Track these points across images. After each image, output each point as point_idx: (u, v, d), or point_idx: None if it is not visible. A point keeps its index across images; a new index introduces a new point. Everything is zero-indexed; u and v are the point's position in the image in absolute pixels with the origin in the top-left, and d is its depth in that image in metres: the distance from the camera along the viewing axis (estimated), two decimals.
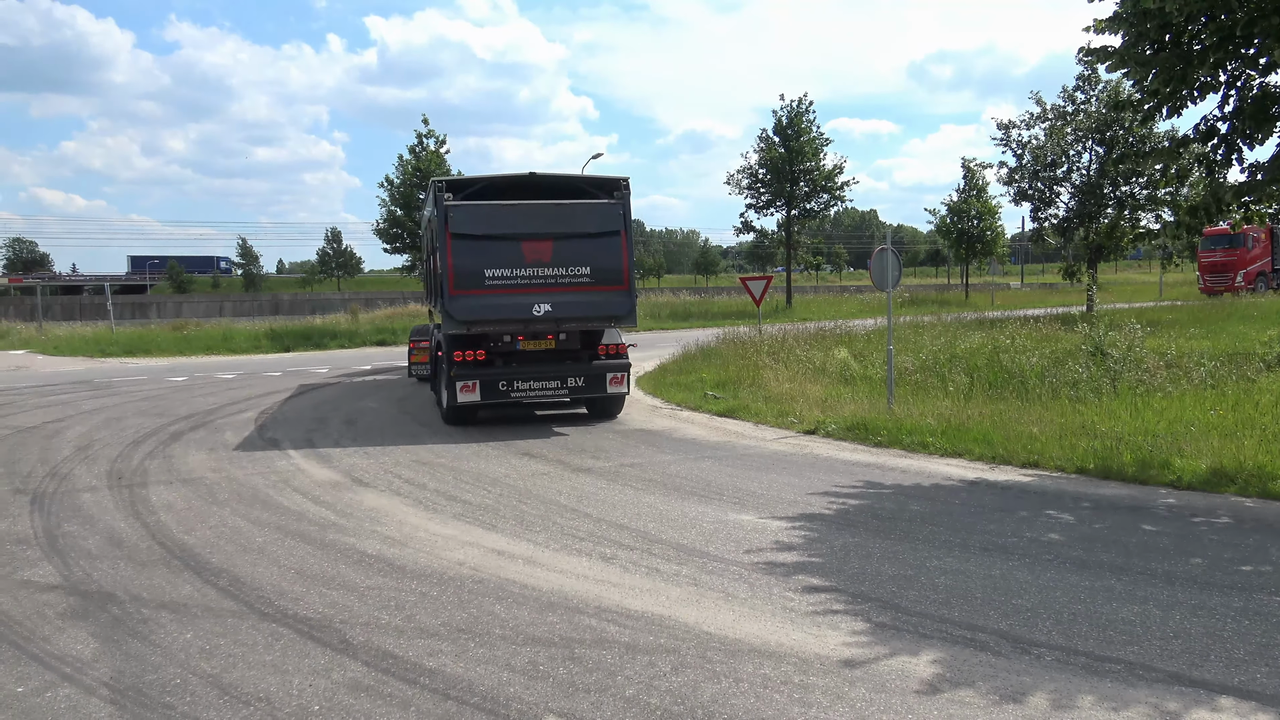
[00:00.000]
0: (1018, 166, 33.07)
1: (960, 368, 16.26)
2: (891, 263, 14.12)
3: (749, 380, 17.06)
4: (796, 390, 15.55)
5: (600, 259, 13.33)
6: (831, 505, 8.92)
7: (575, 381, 13.81)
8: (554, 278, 13.20)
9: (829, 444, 12.25)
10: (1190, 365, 15.33)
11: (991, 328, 22.89)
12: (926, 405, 13.46)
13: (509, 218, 13.23)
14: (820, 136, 42.03)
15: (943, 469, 10.54)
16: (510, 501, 9.32)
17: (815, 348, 19.94)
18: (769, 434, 13.18)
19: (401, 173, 36.24)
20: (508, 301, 13.08)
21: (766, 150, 41.95)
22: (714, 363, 19.68)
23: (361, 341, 33.80)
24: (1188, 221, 10.91)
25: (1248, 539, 7.53)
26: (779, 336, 22.12)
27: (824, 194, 42.45)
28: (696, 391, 16.85)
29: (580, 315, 13.33)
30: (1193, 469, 9.47)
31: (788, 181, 42.03)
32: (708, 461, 11.23)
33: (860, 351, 19.18)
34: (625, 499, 9.31)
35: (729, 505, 8.97)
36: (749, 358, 18.96)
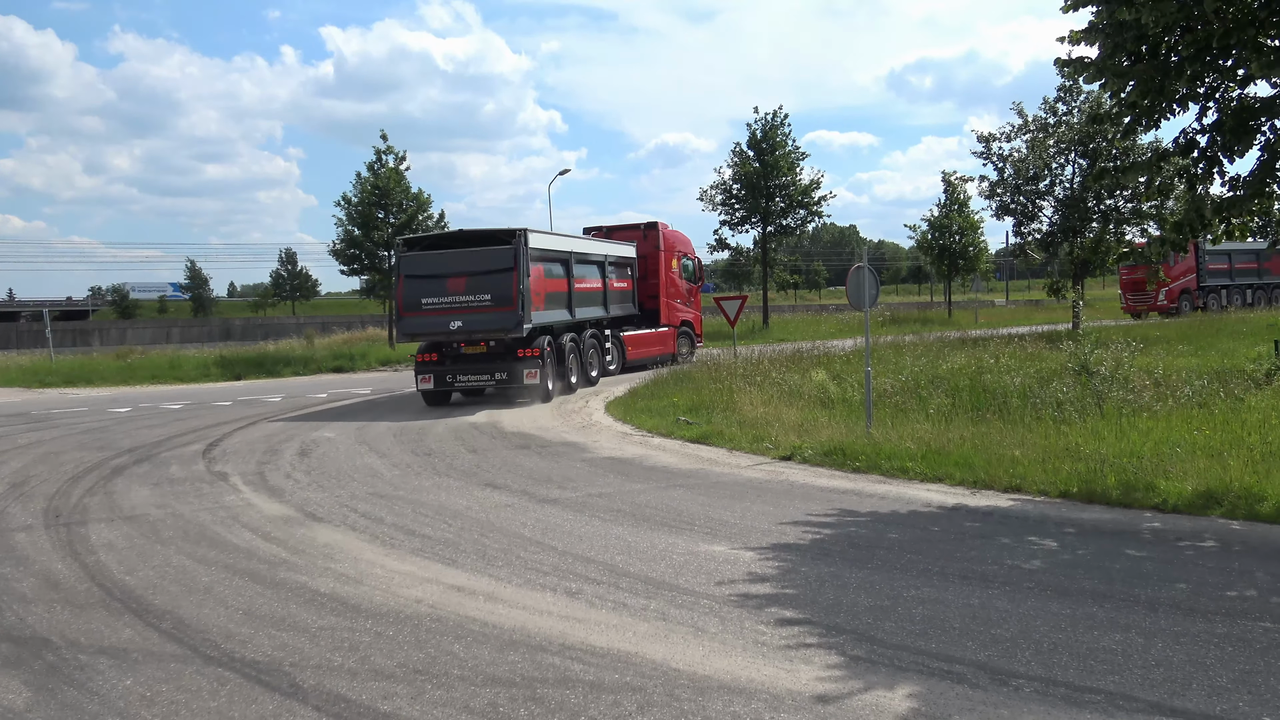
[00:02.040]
0: (1000, 180, 33.60)
1: (942, 389, 16.42)
2: (869, 281, 14.28)
3: (723, 404, 17.15)
4: (772, 414, 15.65)
5: (497, 288, 19.78)
6: (807, 534, 8.98)
7: (500, 375, 20.34)
8: (465, 302, 19.96)
9: (805, 470, 12.33)
10: (1177, 383, 15.58)
11: (974, 347, 23.15)
12: (906, 428, 13.59)
13: (438, 262, 20.30)
14: (796, 150, 42.50)
15: (922, 494, 10.64)
16: (472, 535, 9.31)
17: (792, 370, 20.08)
18: (743, 460, 13.25)
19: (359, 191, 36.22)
20: (436, 320, 20.06)
21: (741, 165, 42.32)
22: (687, 387, 19.77)
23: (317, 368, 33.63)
24: (1171, 238, 11.11)
25: (1233, 563, 7.66)
26: (754, 358, 22.26)
27: (801, 209, 42.85)
28: (668, 417, 16.93)
29: (480, 328, 19.92)
30: (1178, 491, 9.62)
31: (763, 197, 42.39)
32: (679, 490, 11.28)
33: (839, 373, 19.32)
34: (592, 530, 9.33)
35: (700, 536, 9.01)
36: (723, 381, 19.06)
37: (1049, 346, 22.32)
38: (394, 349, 37.48)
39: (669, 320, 28.30)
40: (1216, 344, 23.90)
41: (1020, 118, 33.17)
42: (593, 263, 24.35)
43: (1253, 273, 49.01)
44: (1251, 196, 10.24)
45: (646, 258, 27.91)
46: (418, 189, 36.53)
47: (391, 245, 36.05)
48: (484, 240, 20.55)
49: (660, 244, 28.26)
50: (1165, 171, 11.86)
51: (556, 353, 21.85)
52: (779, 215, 43.06)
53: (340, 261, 36.94)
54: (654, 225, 28.54)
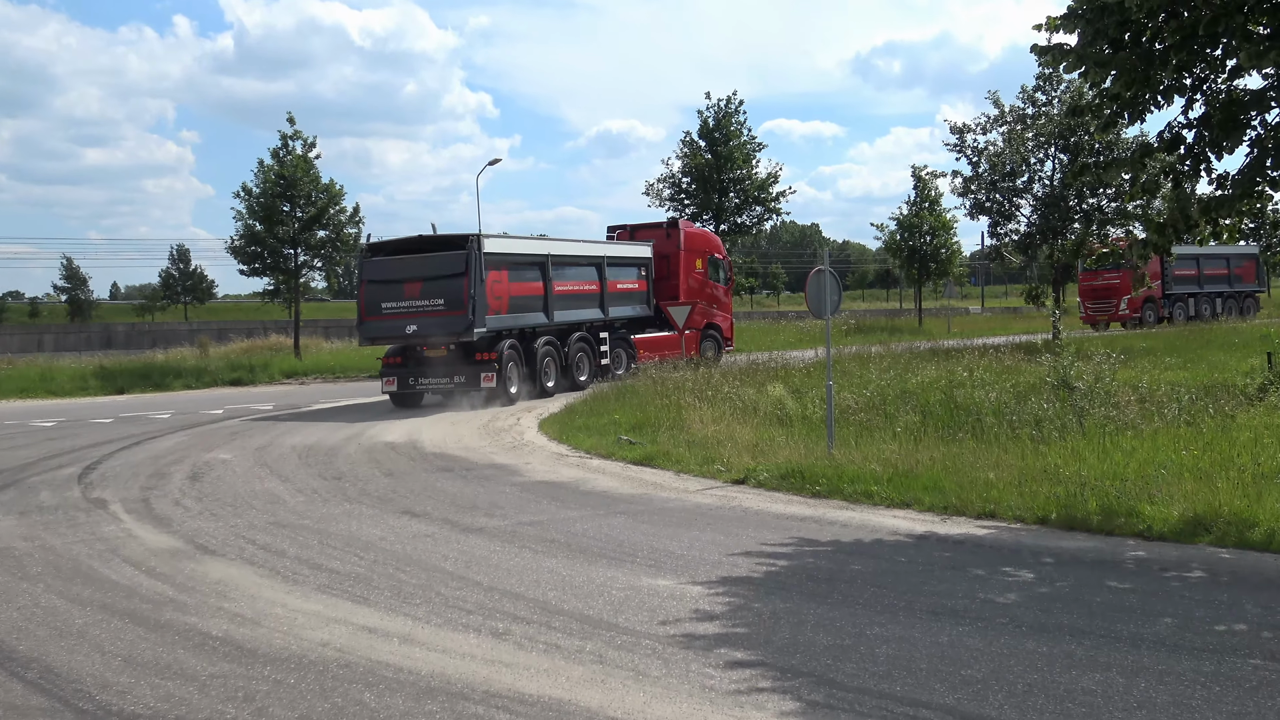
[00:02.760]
0: (974, 176, 34.14)
1: (911, 405, 16.65)
2: (831, 285, 14.46)
3: (670, 422, 17.24)
4: (724, 433, 15.75)
5: (449, 293, 22.70)
6: (761, 566, 9.05)
7: (459, 379, 23.13)
8: (420, 307, 22.97)
9: (760, 495, 12.43)
10: (1164, 399, 15.95)
11: (947, 358, 23.51)
12: (871, 449, 13.76)
13: (397, 267, 23.47)
14: (752, 140, 42.85)
15: (888, 522, 10.77)
16: (386, 569, 9.25)
17: (747, 383, 20.23)
18: (692, 484, 13.32)
19: (262, 180, 35.82)
20: (393, 324, 23.18)
21: (691, 156, 42.58)
22: (629, 402, 19.84)
23: (212, 381, 33.19)
24: (1155, 240, 11.36)
25: (1221, 595, 7.86)
26: (705, 371, 22.38)
27: (757, 206, 43.21)
28: (609, 436, 16.97)
29: (434, 332, 22.86)
30: (1164, 517, 9.85)
31: (715, 192, 42.69)
32: (620, 518, 11.30)
33: (798, 387, 19.51)
34: (523, 563, 9.32)
35: (643, 569, 9.04)
36: (670, 396, 19.16)
37: (1027, 358, 22.74)
38: (300, 359, 37.09)
39: (691, 323, 29.37)
40: (1206, 356, 24.52)
41: (996, 108, 33.78)
42: (583, 265, 26.67)
43: (1223, 280, 50.04)
44: (1240, 196, 10.52)
45: (669, 257, 29.83)
46: (329, 179, 36.30)
47: (298, 242, 35.79)
48: (441, 246, 23.62)
49: (681, 243, 30.04)
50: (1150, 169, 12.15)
51: (525, 357, 24.29)
52: (733, 212, 43.37)
53: (240, 260, 36.49)
54: (675, 223, 30.72)
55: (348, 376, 34.13)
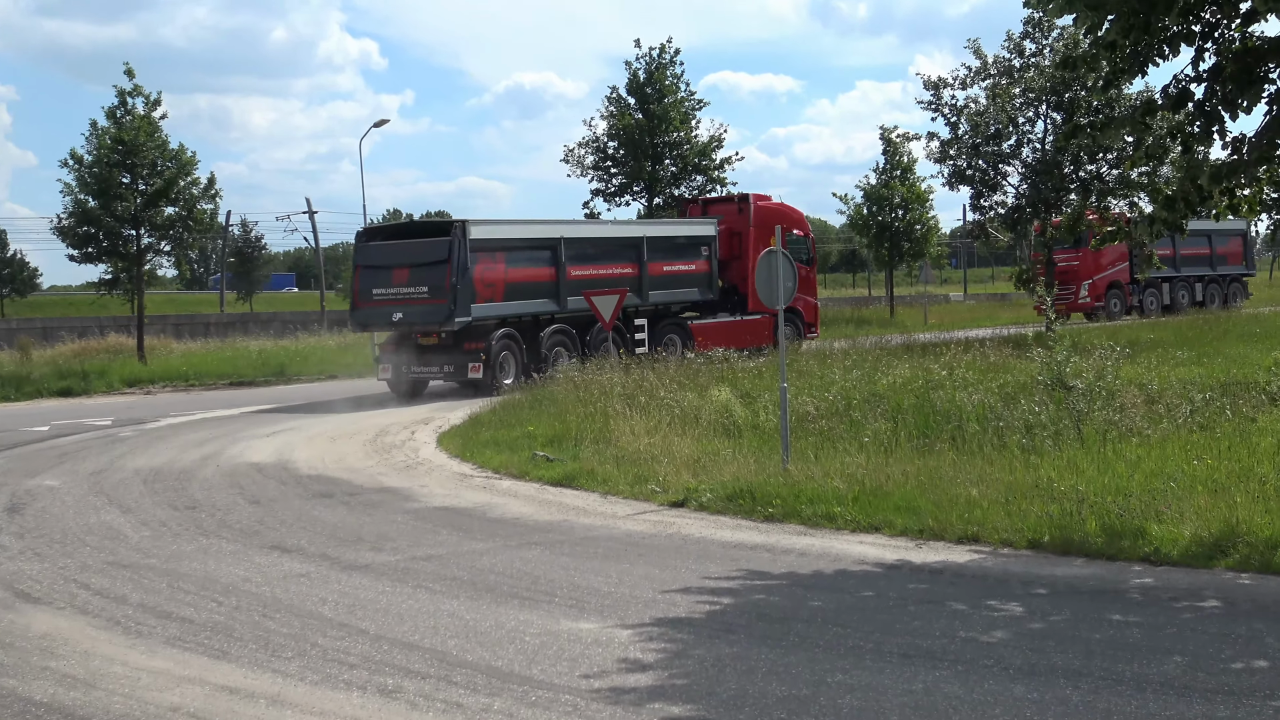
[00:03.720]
0: (952, 138, 34.56)
1: (880, 410, 16.85)
2: (784, 270, 14.57)
3: (595, 434, 17.28)
4: (660, 447, 15.83)
5: (434, 280, 26.28)
6: (703, 604, 9.11)
7: (448, 368, 26.60)
8: (407, 294, 26.69)
9: (703, 520, 12.51)
10: (1174, 400, 16.32)
11: (923, 355, 23.78)
12: (834, 463, 13.91)
13: (386, 253, 27.62)
14: (691, 97, 42.97)
15: (854, 549, 10.90)
16: (250, 617, 9.16)
17: (687, 386, 20.31)
18: (621, 508, 13.37)
19: (96, 146, 35.09)
20: (381, 310, 27.04)
21: (619, 116, 42.61)
22: (546, 411, 19.86)
23: (36, 391, 32.53)
24: (1162, 215, 11.59)
25: (1239, 627, 8.07)
26: (637, 372, 22.41)
27: (698, 175, 43.31)
28: (522, 452, 16.98)
29: (418, 320, 26.46)
30: (1174, 538, 10.10)
31: (648, 159, 42.76)
32: (535, 549, 11.31)
33: (747, 391, 19.64)
34: (417, 607, 9.29)
35: (563, 610, 9.05)
36: (595, 403, 19.18)
37: (1016, 354, 23.09)
38: (145, 364, 36.49)
39: (761, 307, 30.95)
40: (1222, 348, 25.09)
41: (978, 59, 34.22)
42: (610, 247, 30.04)
43: (1203, 261, 49.05)
44: (1259, 161, 10.80)
45: (740, 235, 32.92)
46: (178, 144, 35.63)
47: (141, 221, 35.15)
48: (430, 232, 27.88)
49: (752, 219, 32.74)
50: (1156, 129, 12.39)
51: (529, 346, 27.40)
52: (669, 183, 43.45)
53: (69, 243, 35.64)
54: (746, 198, 33.84)
55: (204, 384, 33.68)
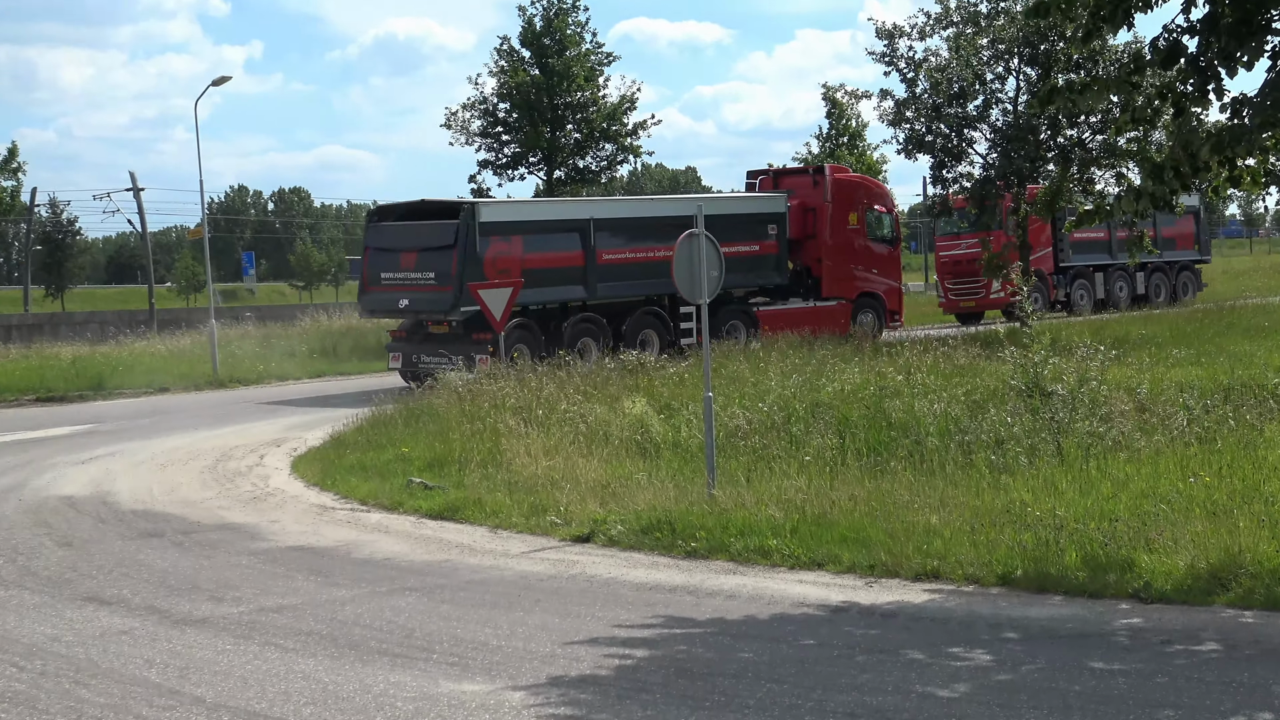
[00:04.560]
0: (910, 98, 34.82)
1: (825, 423, 16.93)
2: (709, 255, 14.58)
3: (483, 456, 17.22)
4: (561, 470, 15.80)
5: (440, 266, 28.65)
6: (612, 659, 9.10)
7: (455, 359, 27.59)
8: (413, 280, 29.20)
9: (612, 557, 12.52)
10: (1169, 407, 16.57)
11: (875, 355, 23.97)
12: (769, 487, 13.98)
13: (397, 235, 30.37)
14: (599, 50, 43.13)
15: (792, 589, 10.95)
16: (59, 684, 9.02)
17: (595, 397, 20.29)
18: (515, 544, 13.35)
19: None
20: (389, 296, 29.74)
21: (511, 73, 42.52)
22: (425, 429, 19.77)
23: None
24: (1151, 189, 11.75)
25: (1241, 674, 8.23)
26: (534, 380, 22.35)
27: (606, 143, 43.36)
28: (394, 478, 16.89)
29: (423, 308, 29.13)
30: (1167, 570, 10.25)
31: (546, 124, 42.70)
32: (411, 596, 11.25)
33: (666, 402, 19.66)
34: (265, 668, 9.20)
35: (443, 670, 9.02)
36: (484, 418, 19.10)
37: (985, 354, 23.33)
38: None
39: (837, 291, 35.30)
40: (1225, 346, 25.49)
41: (939, 4, 34.49)
42: (651, 226, 31.59)
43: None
44: (1263, 126, 10.99)
45: (815, 211, 35.01)
46: None
47: None
48: (439, 213, 30.15)
49: (828, 193, 34.50)
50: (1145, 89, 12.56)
51: (549, 337, 29.39)
52: (572, 152, 43.44)
53: None
54: (821, 169, 35.99)
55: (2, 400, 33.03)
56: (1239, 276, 61.12)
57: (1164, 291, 48.44)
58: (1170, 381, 18.97)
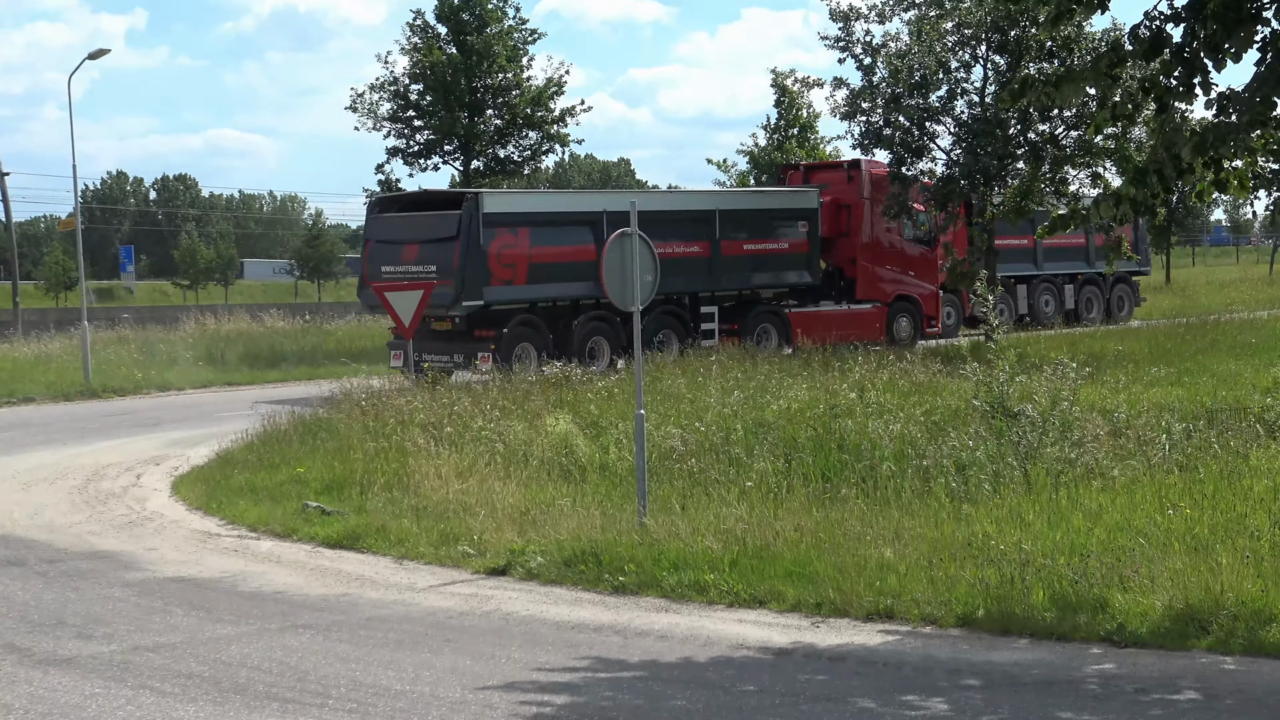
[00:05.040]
0: (866, 87, 35.00)
1: (769, 445, 16.97)
2: (642, 258, 14.60)
3: (388, 477, 17.16)
4: (476, 494, 15.75)
5: (442, 259, 29.82)
6: (529, 707, 9.08)
7: (458, 357, 29.99)
8: (415, 273, 29.67)
9: (531, 592, 12.50)
10: (1147, 431, 16.72)
11: (825, 371, 24.04)
12: (707, 515, 13.98)
13: (399, 227, 31.63)
14: (523, 28, 43.15)
15: (731, 629, 10.95)
16: None
17: (514, 413, 20.25)
18: (422, 577, 13.31)
19: None
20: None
21: (425, 51, 42.40)
22: (323, 446, 19.69)
23: None
24: (1130, 193, 11.87)
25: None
26: (446, 393, 22.30)
27: (530, 131, 43.35)
28: (288, 502, 16.81)
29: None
30: (1143, 611, 10.34)
31: (464, 108, 42.61)
32: (304, 634, 11.17)
33: (593, 419, 19.64)
34: (140, 715, 9.11)
35: (340, 716, 8.98)
36: (389, 435, 19.02)
37: (946, 370, 23.48)
38: None
39: (871, 294, 36.83)
40: (1209, 364, 25.77)
41: None
42: (671, 221, 33.11)
43: (1077, 255, 47.29)
44: (1251, 124, 11.13)
45: (850, 208, 36.39)
46: None
47: None
48: (442, 204, 31.87)
49: (865, 189, 35.53)
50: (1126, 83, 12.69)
51: (558, 336, 31.11)
52: (493, 140, 43.38)
53: None
54: (856, 164, 36.88)
55: None
56: (1224, 288, 61.76)
57: (1096, 307, 47.98)
58: (1149, 403, 19.12)
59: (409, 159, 43.54)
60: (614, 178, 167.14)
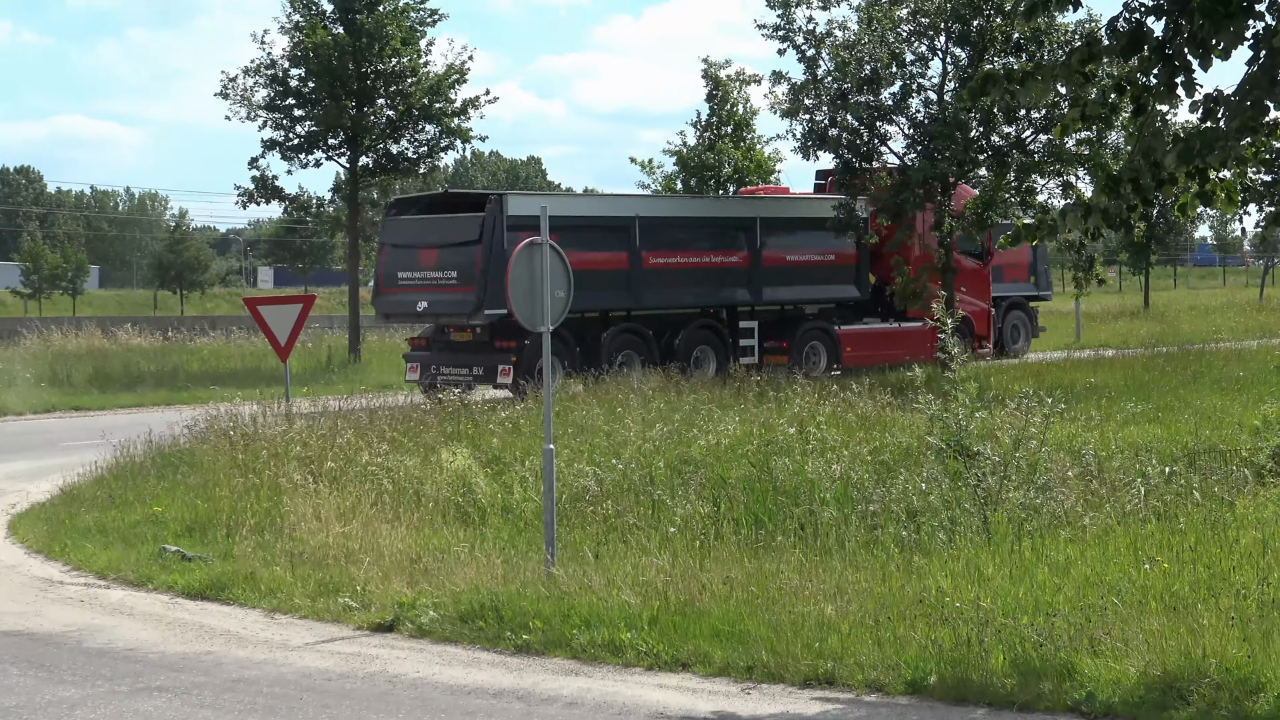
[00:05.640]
0: (810, 82, 35.13)
1: (696, 486, 16.97)
2: (555, 272, 14.59)
3: (259, 519, 17.08)
4: (360, 538, 15.69)
5: (463, 265, 31.34)
6: None
7: (477, 371, 31.66)
8: (434, 280, 32.00)
9: (422, 652, 12.45)
10: (1121, 475, 16.84)
11: (761, 402, 24.10)
12: (624, 565, 13.95)
13: (417, 230, 33.25)
14: (421, 7, 43.14)
15: (650, 696, 10.94)
16: None
17: (404, 446, 20.20)
18: (297, 633, 13.24)
19: None
20: (407, 298, 32.72)
21: (308, 31, 42.26)
22: (184, 482, 19.61)
23: None
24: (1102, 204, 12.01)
25: None
26: (328, 423, 22.20)
27: (428, 124, 43.29)
28: (144, 545, 16.71)
29: (444, 311, 32.13)
30: (1115, 677, 10.39)
31: (352, 97, 42.52)
32: (160, 698, 11.10)
33: (496, 454, 19.61)
34: None
35: None
36: (260, 471, 18.92)
37: (896, 403, 23.58)
38: None
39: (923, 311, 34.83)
40: (1190, 399, 26.02)
41: None
42: (711, 228, 35.74)
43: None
44: (1241, 131, 11.27)
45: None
46: None
47: None
48: (463, 206, 33.68)
49: None
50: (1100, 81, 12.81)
51: (586, 349, 32.53)
52: (384, 134, 43.33)
53: None
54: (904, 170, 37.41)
55: None
56: (1209, 314, 62.36)
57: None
58: (1123, 442, 19.28)
59: (288, 153, 43.40)
60: (522, 179, 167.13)
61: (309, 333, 43.85)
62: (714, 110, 52.71)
